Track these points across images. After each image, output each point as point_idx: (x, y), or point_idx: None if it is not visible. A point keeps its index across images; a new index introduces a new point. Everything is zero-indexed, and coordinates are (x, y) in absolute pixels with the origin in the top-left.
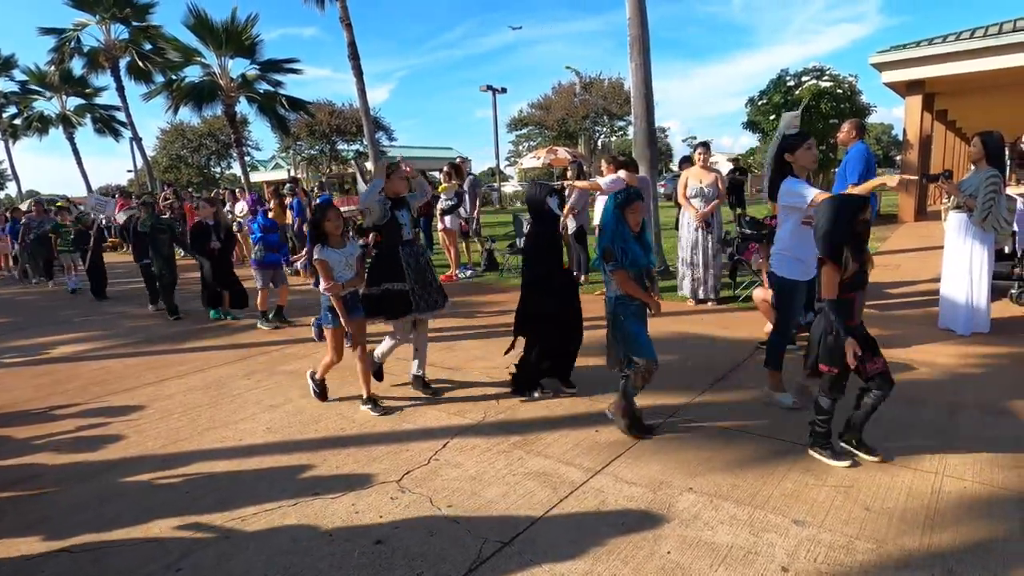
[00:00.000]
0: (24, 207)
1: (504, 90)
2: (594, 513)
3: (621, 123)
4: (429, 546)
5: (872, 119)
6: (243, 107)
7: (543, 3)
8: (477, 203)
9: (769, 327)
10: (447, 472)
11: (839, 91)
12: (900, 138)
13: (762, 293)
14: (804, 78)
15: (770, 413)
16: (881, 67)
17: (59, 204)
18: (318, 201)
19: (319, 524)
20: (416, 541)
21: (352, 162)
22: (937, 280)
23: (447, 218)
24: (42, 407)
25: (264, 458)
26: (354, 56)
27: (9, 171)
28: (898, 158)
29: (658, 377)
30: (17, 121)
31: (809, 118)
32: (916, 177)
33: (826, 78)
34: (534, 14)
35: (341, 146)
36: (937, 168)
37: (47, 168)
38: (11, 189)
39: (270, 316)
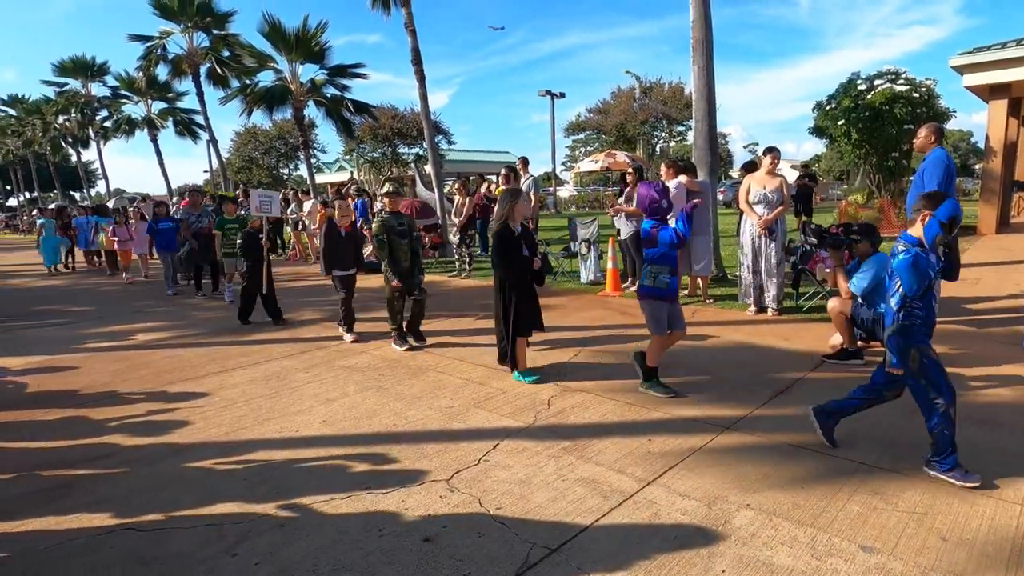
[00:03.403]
0: (112, 204)
1: (563, 95)
2: (645, 525)
3: (680, 128)
4: (477, 547)
5: (949, 125)
6: (311, 111)
7: (599, 7)
8: (535, 204)
9: (836, 339)
10: (496, 474)
11: (915, 95)
12: (980, 145)
13: (838, 304)
14: (877, 82)
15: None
16: (962, 70)
17: (229, 195)
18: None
19: (369, 518)
20: (464, 541)
21: (412, 165)
22: (1020, 296)
23: None
24: (117, 391)
25: (319, 450)
26: (417, 61)
27: (100, 170)
28: (978, 167)
29: (715, 388)
30: (107, 124)
31: (881, 123)
32: None
33: (901, 81)
34: (589, 19)
35: (402, 149)
36: (1022, 177)
37: (130, 168)
38: (100, 187)
39: None
